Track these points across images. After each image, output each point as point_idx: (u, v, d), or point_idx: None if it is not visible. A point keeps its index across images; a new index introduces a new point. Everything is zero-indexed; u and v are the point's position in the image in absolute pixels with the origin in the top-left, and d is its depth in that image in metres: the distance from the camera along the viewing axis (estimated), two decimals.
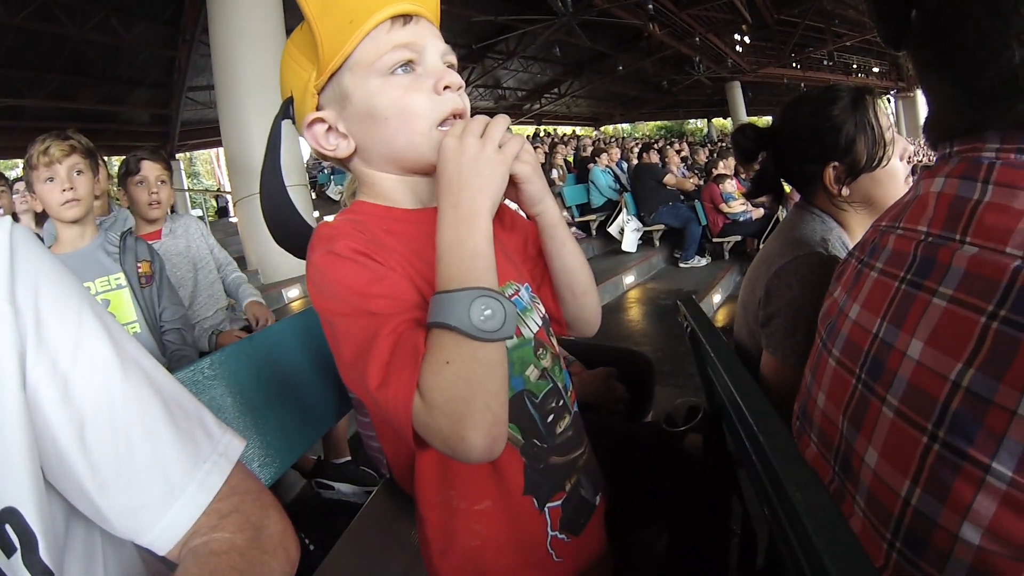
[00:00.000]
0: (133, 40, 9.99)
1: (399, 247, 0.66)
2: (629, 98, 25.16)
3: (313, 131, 0.69)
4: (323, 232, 0.65)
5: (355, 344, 0.59)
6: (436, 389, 0.54)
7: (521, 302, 0.76)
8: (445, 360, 0.54)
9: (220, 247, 2.42)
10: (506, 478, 0.70)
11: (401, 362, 0.56)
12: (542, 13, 12.52)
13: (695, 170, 8.61)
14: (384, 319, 0.58)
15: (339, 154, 0.70)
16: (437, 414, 0.54)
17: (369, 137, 0.68)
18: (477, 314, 0.54)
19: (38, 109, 10.69)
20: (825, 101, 1.06)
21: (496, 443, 0.56)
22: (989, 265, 0.50)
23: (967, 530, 0.48)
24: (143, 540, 0.49)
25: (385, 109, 0.65)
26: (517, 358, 0.72)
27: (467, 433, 0.53)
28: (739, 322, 1.22)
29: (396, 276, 0.62)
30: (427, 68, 0.67)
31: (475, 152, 0.60)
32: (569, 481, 0.76)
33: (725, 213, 5.80)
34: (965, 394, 0.49)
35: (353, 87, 0.66)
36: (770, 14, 15.51)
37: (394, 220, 0.71)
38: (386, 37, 0.64)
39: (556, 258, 0.79)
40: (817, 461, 0.70)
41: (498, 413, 0.56)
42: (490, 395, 0.55)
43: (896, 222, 0.66)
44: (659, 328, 3.88)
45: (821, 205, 1.12)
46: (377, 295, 0.59)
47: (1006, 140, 0.54)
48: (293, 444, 1.14)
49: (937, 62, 0.61)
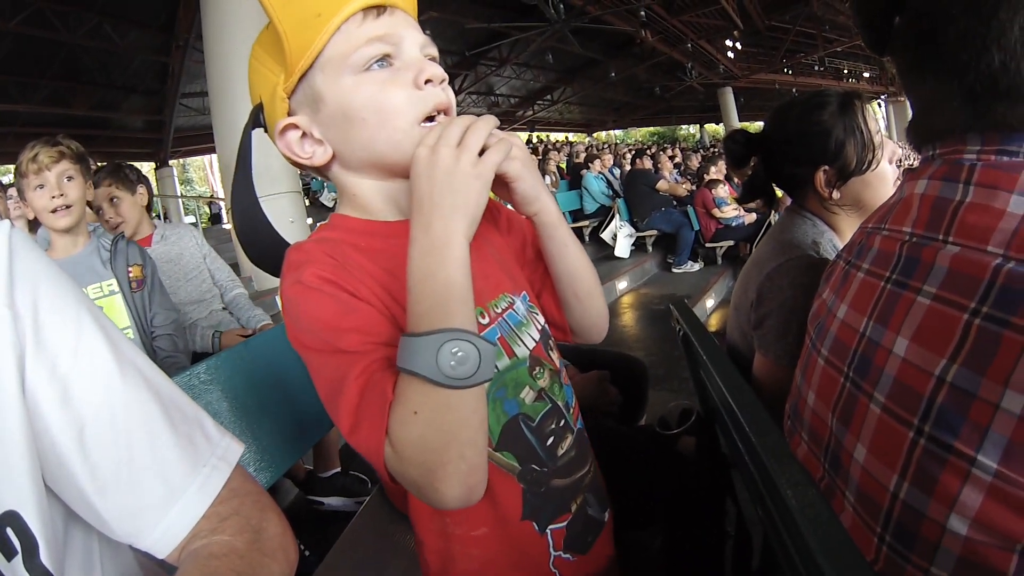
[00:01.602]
0: (127, 46, 9.94)
1: (370, 267, 0.61)
2: (621, 104, 25.22)
3: (286, 139, 0.64)
4: (292, 258, 0.60)
5: (327, 383, 0.56)
6: (404, 441, 0.51)
7: (516, 316, 0.71)
8: (413, 410, 0.50)
9: (221, 262, 2.34)
10: (502, 505, 0.66)
11: (370, 409, 0.52)
12: (535, 20, 12.54)
13: (688, 175, 8.66)
14: (354, 359, 0.54)
15: (315, 162, 0.64)
16: (408, 465, 0.51)
17: (346, 141, 0.62)
18: (447, 360, 0.49)
19: (31, 115, 10.59)
20: (815, 106, 1.07)
21: (473, 492, 0.53)
22: (971, 263, 0.51)
23: (954, 521, 0.49)
24: (143, 543, 0.49)
25: (361, 108, 0.60)
26: (511, 380, 0.67)
27: (440, 485, 0.50)
28: (731, 324, 1.23)
29: (366, 308, 0.57)
30: (405, 61, 0.61)
31: (449, 166, 0.54)
32: (575, 502, 0.71)
33: (718, 218, 5.84)
34: (950, 389, 0.50)
35: (325, 87, 0.60)
36: (761, 20, 15.62)
37: (367, 235, 0.65)
38: (358, 31, 0.59)
39: (558, 260, 0.73)
40: (808, 459, 0.72)
41: (474, 462, 0.52)
42: (464, 444, 0.51)
43: (882, 223, 0.68)
44: (652, 333, 3.90)
45: (812, 208, 1.14)
46: (348, 329, 0.55)
47: (986, 142, 0.56)
48: (288, 450, 1.14)
49: (919, 66, 0.62)
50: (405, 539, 1.10)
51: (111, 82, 11.26)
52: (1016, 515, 0.45)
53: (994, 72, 0.54)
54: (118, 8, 9.06)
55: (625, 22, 13.38)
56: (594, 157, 7.45)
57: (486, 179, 0.56)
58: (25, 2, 8.01)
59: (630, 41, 15.98)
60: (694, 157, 10.12)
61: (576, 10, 12.09)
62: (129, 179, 2.18)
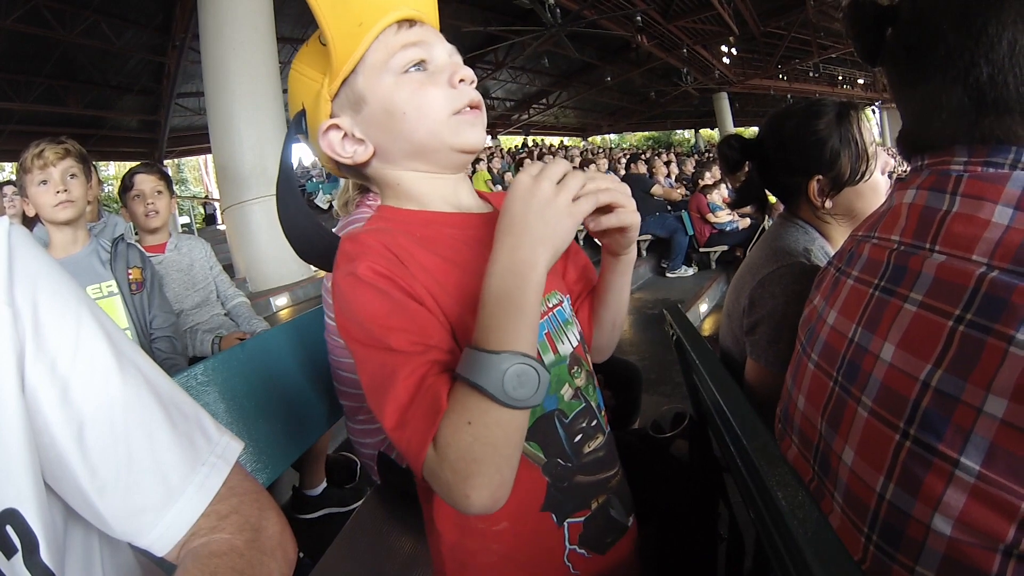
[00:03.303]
0: (123, 45, 9.95)
1: (426, 256, 0.64)
2: (617, 109, 25.31)
3: (328, 138, 0.68)
4: (347, 248, 0.62)
5: (372, 377, 0.58)
6: (451, 447, 0.53)
7: (564, 314, 0.74)
8: (467, 420, 0.52)
9: (226, 276, 2.38)
10: (525, 495, 0.67)
11: (420, 412, 0.54)
12: (531, 24, 12.62)
13: (682, 180, 8.70)
14: (402, 358, 0.56)
15: (357, 159, 0.69)
16: (447, 468, 0.53)
17: (388, 135, 0.67)
18: (511, 381, 0.52)
19: (26, 113, 10.55)
20: (811, 115, 1.08)
21: (497, 503, 0.54)
22: (956, 272, 0.53)
23: (938, 521, 0.50)
24: (142, 542, 0.49)
25: (403, 104, 0.65)
26: (553, 376, 0.69)
27: (471, 492, 0.52)
28: (724, 330, 1.24)
29: (417, 308, 0.59)
30: (438, 65, 0.67)
31: (548, 197, 0.57)
32: (597, 500, 0.73)
33: (712, 223, 5.85)
34: (934, 393, 0.52)
35: (368, 88, 0.66)
36: (757, 26, 15.71)
37: (427, 224, 0.68)
38: (395, 38, 0.65)
39: (616, 292, 0.78)
40: (798, 461, 0.73)
41: (507, 476, 0.55)
42: (503, 459, 0.54)
43: (872, 232, 0.69)
44: (646, 337, 3.91)
45: (804, 216, 1.15)
46: (397, 328, 0.57)
47: (973, 154, 0.58)
48: (285, 451, 1.14)
49: (910, 77, 0.64)
50: (400, 541, 1.11)
51: (106, 81, 11.27)
52: (998, 515, 0.47)
53: (982, 85, 0.56)
54: (115, 7, 9.07)
55: (621, 27, 13.43)
56: (589, 162, 7.47)
57: (576, 219, 0.58)
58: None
59: (626, 46, 16.09)
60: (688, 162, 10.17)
61: (572, 14, 12.15)
62: (171, 184, 2.29)
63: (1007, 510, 0.46)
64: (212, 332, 2.15)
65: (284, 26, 6.84)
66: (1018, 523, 0.46)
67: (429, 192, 0.70)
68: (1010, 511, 0.46)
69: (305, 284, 5.62)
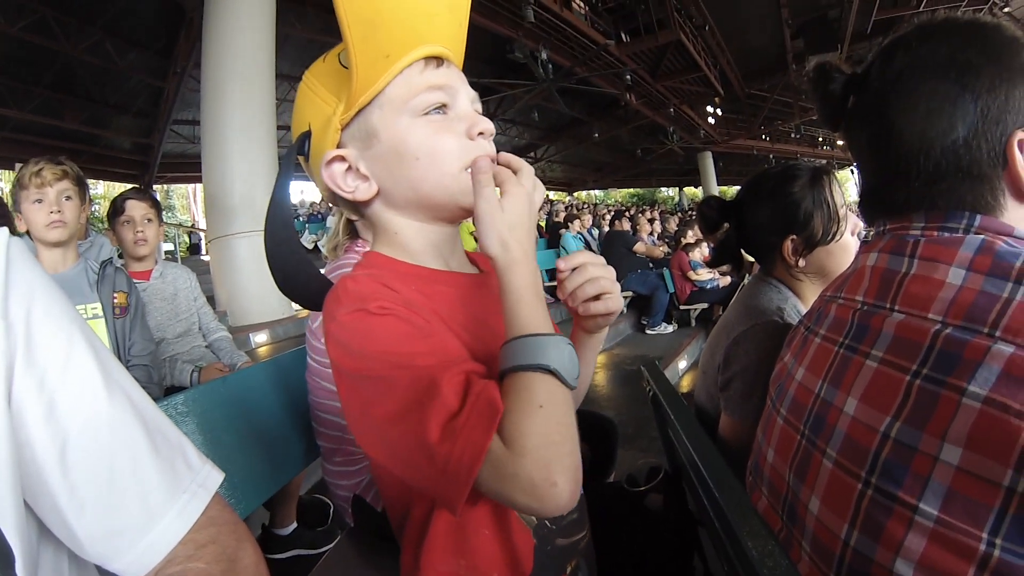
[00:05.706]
0: (125, 66, 9.98)
1: (435, 308, 0.62)
2: (603, 164, 25.83)
3: (331, 170, 0.65)
4: (350, 287, 0.59)
5: (401, 399, 0.53)
6: (527, 435, 0.50)
7: None
8: (539, 404, 0.51)
9: (209, 308, 2.37)
10: (518, 558, 0.65)
11: (475, 416, 0.51)
12: (523, 78, 12.94)
13: (665, 238, 8.84)
14: (439, 370, 0.53)
15: (358, 196, 0.66)
16: (526, 461, 0.50)
17: (394, 178, 0.64)
18: (572, 360, 0.54)
19: (20, 121, 10.43)
20: (786, 178, 1.14)
21: (576, 491, 0.52)
22: (914, 329, 0.57)
23: (900, 565, 0.53)
24: (115, 565, 0.48)
25: (416, 148, 0.62)
26: None
27: (558, 478, 0.49)
28: (699, 386, 1.27)
29: (441, 331, 0.58)
30: (459, 112, 0.65)
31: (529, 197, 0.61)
32: (570, 564, 0.71)
33: (693, 281, 5.93)
34: (893, 443, 0.55)
35: (382, 124, 0.63)
36: (741, 88, 16.37)
37: (415, 278, 0.65)
38: (420, 77, 0.63)
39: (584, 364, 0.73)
40: (768, 512, 0.75)
41: (579, 461, 0.53)
42: (574, 441, 0.53)
43: (839, 292, 0.74)
44: (623, 392, 3.90)
45: (778, 275, 1.20)
46: (423, 352, 0.55)
47: (930, 219, 0.63)
48: (259, 486, 1.13)
49: (871, 146, 0.69)
50: None
51: (105, 99, 11.24)
52: (956, 557, 0.49)
53: (938, 160, 0.61)
54: (121, 27, 9.14)
55: (611, 84, 13.90)
56: (573, 217, 7.55)
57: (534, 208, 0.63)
58: (30, 8, 8.04)
59: (615, 103, 16.57)
60: (672, 219, 10.35)
61: (564, 71, 12.51)
62: (161, 212, 2.29)
63: (965, 552, 0.49)
64: (192, 363, 2.11)
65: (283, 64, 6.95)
66: (977, 564, 0.48)
67: (424, 249, 0.69)
68: (968, 553, 0.49)
69: (286, 322, 5.50)
